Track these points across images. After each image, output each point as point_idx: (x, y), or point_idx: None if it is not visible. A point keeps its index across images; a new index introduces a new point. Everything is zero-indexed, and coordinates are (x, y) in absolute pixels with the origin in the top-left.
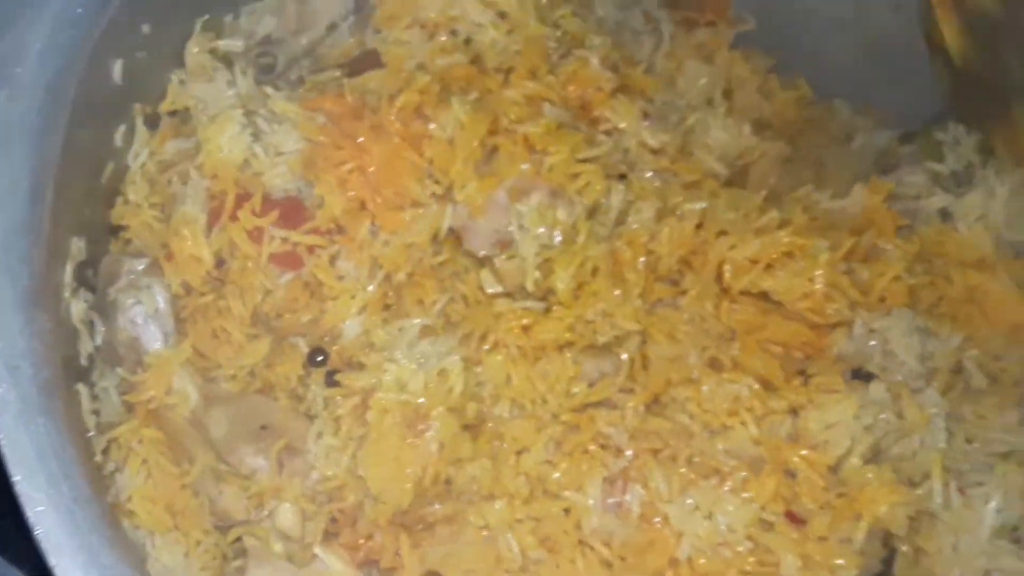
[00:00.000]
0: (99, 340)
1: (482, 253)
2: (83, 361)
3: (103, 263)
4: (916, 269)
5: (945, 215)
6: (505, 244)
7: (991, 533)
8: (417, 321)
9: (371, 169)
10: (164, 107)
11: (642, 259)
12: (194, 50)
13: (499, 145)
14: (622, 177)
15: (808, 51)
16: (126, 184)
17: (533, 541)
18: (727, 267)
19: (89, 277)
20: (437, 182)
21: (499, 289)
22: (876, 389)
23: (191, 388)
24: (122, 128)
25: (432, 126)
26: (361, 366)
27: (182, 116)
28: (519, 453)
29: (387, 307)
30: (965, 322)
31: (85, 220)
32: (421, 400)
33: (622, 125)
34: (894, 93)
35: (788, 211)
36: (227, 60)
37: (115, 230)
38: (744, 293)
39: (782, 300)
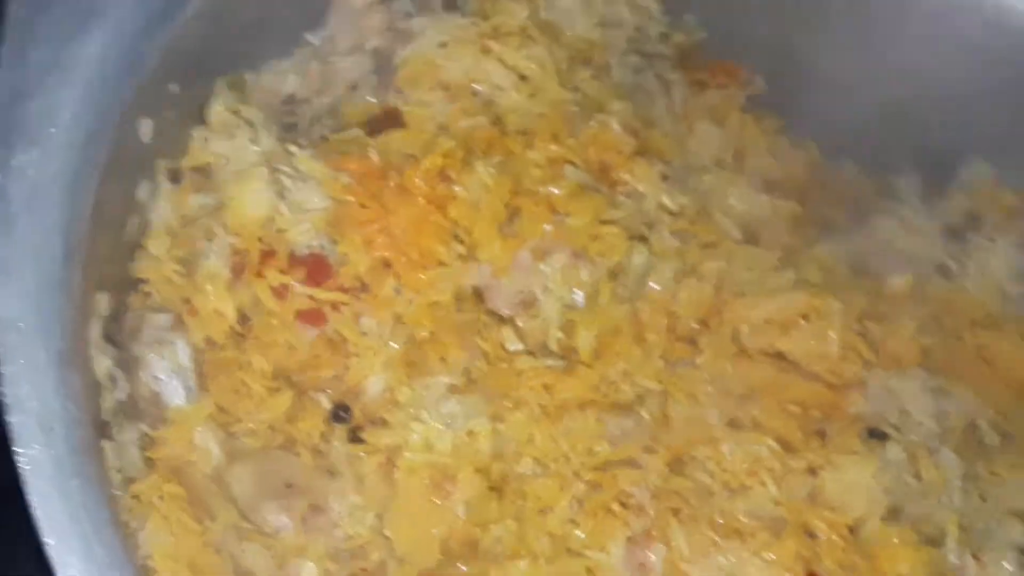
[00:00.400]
0: (122, 395)
1: (506, 312)
2: (105, 417)
3: (127, 319)
4: (928, 327)
5: (944, 271)
6: (528, 304)
7: None
8: (443, 379)
9: (396, 230)
10: (186, 163)
11: (663, 320)
12: (218, 108)
13: (522, 206)
14: (643, 239)
15: (817, 113)
16: (148, 238)
17: None
18: (744, 327)
19: (113, 333)
20: (461, 242)
21: (521, 347)
22: (893, 450)
23: (213, 444)
24: (145, 184)
25: (458, 188)
26: (385, 423)
27: (204, 172)
28: (543, 512)
29: (410, 364)
30: (976, 380)
31: (109, 276)
32: (448, 461)
33: (641, 188)
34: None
35: (804, 270)
36: (249, 119)
37: (135, 284)
38: (762, 353)
39: (798, 361)
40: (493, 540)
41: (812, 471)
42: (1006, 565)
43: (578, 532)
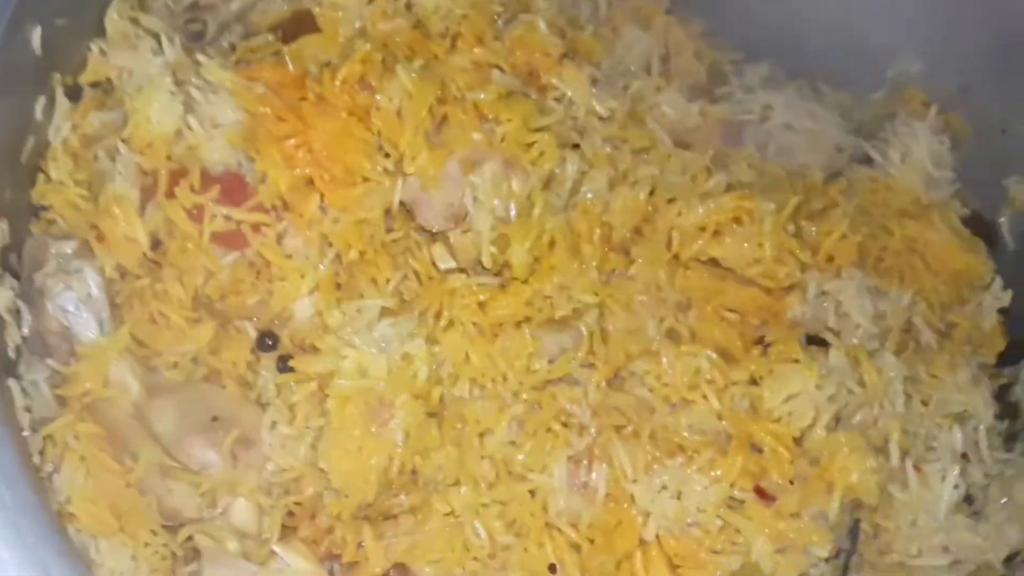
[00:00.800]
0: (26, 330)
1: (436, 227)
2: (11, 354)
3: (27, 246)
4: (857, 221)
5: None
6: (459, 218)
7: (948, 509)
8: (375, 301)
9: (317, 144)
10: (85, 78)
11: (597, 230)
12: (115, 17)
13: (449, 114)
14: (575, 147)
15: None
16: (48, 161)
17: (500, 526)
18: (675, 234)
19: (12, 263)
20: (387, 155)
21: (453, 265)
22: (835, 356)
23: (131, 379)
24: (42, 101)
25: (379, 97)
26: (315, 350)
27: (105, 88)
28: (482, 435)
29: (339, 287)
30: (910, 273)
31: (5, 202)
32: (383, 386)
33: (571, 92)
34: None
35: (735, 171)
36: (151, 28)
37: (37, 211)
38: (695, 260)
39: (732, 267)
40: (434, 468)
41: (754, 382)
42: (948, 482)
43: (519, 455)
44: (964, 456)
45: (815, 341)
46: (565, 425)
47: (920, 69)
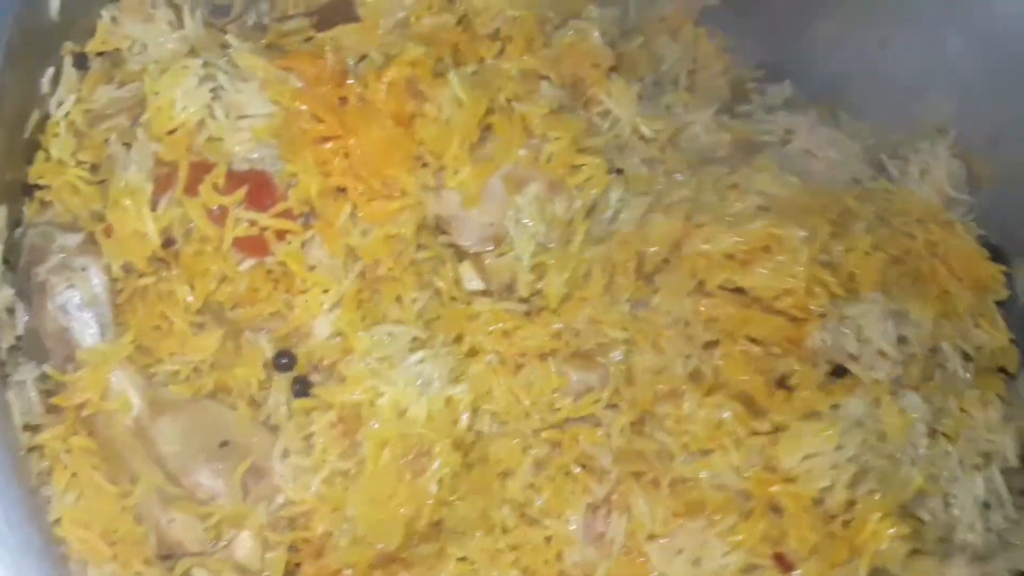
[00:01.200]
0: (21, 328)
1: (472, 248)
2: (2, 355)
3: (28, 236)
4: (876, 226)
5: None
6: (498, 239)
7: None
8: (405, 328)
9: (358, 152)
10: (92, 47)
11: (633, 262)
12: None
13: (494, 125)
14: (619, 171)
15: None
16: (47, 136)
17: (516, 574)
18: (702, 261)
19: (8, 254)
20: (424, 165)
21: (480, 287)
22: (855, 405)
23: (133, 392)
24: (50, 72)
25: (427, 105)
26: (333, 372)
27: (114, 59)
28: (504, 476)
29: (362, 304)
30: (933, 281)
31: (5, 184)
32: (423, 432)
33: (618, 110)
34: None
35: (760, 184)
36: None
37: (31, 191)
38: (722, 288)
39: (760, 296)
40: (458, 519)
41: (774, 435)
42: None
43: (537, 499)
44: (986, 505)
45: (839, 374)
46: (585, 468)
47: (949, 111)
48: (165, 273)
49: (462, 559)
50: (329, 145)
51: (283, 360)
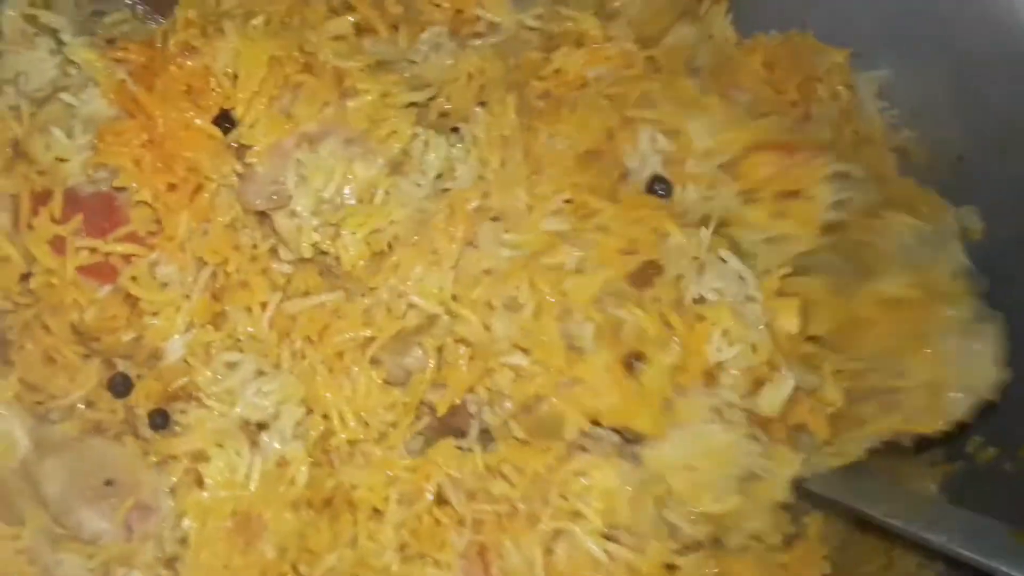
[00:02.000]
0: None
1: (257, 206)
2: None
3: None
4: None
5: None
6: (283, 198)
7: None
8: (242, 356)
9: (165, 143)
10: None
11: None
12: (10, 14)
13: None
14: (454, 130)
15: None
16: None
17: None
18: None
19: None
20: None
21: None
22: None
23: (20, 432)
24: None
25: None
26: (188, 399)
27: None
28: (376, 516)
29: (213, 317)
30: None
31: None
32: (253, 498)
33: (496, 17)
34: None
35: None
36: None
37: None
38: None
39: None
40: (326, 570)
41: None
42: None
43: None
44: None
45: None
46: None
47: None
48: (39, 306)
49: None
50: (138, 140)
51: (118, 387)
